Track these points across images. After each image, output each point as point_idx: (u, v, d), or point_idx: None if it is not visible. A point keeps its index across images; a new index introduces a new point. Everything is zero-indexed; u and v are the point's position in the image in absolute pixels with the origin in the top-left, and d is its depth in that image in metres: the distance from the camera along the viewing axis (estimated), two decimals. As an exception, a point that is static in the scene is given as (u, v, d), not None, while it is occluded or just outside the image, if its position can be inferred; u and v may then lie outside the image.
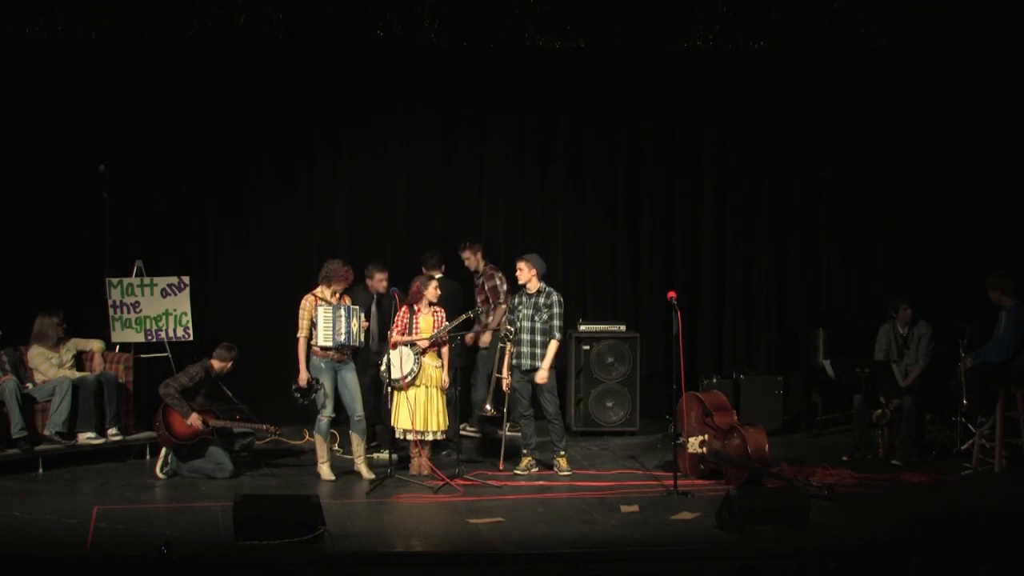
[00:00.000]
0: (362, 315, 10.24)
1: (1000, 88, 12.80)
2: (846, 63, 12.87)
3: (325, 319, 10.05)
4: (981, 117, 12.90)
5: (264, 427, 10.68)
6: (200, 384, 10.37)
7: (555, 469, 10.51)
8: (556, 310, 10.39)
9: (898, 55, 12.73)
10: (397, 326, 10.33)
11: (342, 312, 10.08)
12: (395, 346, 10.27)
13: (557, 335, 10.40)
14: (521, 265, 10.53)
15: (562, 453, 10.52)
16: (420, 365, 10.26)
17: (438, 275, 11.37)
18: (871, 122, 13.05)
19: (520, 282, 10.56)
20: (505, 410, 10.67)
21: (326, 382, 10.14)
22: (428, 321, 10.38)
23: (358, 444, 10.32)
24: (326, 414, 10.18)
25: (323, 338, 10.06)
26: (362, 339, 10.22)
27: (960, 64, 12.82)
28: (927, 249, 13.11)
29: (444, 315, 10.44)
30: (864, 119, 13.05)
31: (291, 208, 12.77)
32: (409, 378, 10.21)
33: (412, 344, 10.27)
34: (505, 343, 10.59)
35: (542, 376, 10.36)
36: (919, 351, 11.02)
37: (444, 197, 13.01)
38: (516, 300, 10.60)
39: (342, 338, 10.06)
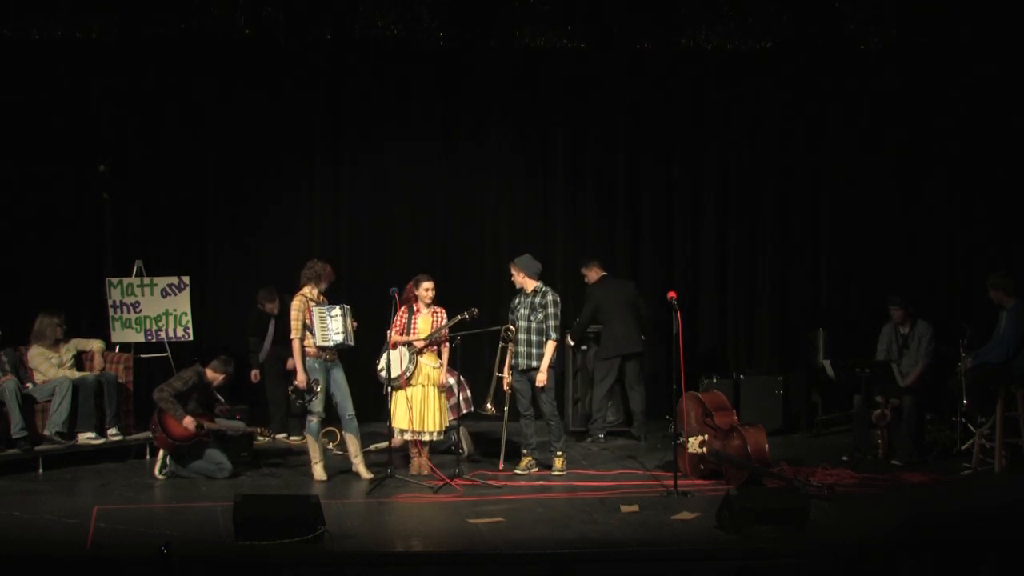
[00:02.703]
0: (350, 313, 10.24)
1: (1000, 88, 12.80)
2: (846, 63, 12.87)
3: (320, 320, 10.06)
4: (981, 117, 12.90)
5: (259, 430, 10.68)
6: (194, 388, 10.36)
7: (551, 469, 10.52)
8: (551, 310, 10.37)
9: (898, 55, 12.74)
10: (396, 326, 10.33)
11: (337, 312, 10.08)
12: (395, 346, 10.27)
13: (553, 335, 10.38)
14: (511, 269, 10.54)
15: (559, 453, 10.50)
16: (416, 364, 10.26)
17: (601, 273, 11.90)
18: (872, 122, 13.05)
19: (517, 286, 10.57)
20: (506, 409, 10.67)
21: (321, 382, 10.14)
22: (427, 321, 10.38)
23: (354, 444, 10.32)
24: (317, 414, 10.18)
25: (320, 338, 10.06)
26: (353, 339, 10.23)
27: (960, 65, 12.82)
28: (927, 249, 13.11)
29: (444, 315, 10.44)
30: (865, 119, 13.05)
31: (291, 208, 12.77)
32: (406, 375, 10.21)
33: (409, 344, 10.27)
34: (507, 343, 10.60)
35: (541, 379, 10.34)
36: (919, 351, 11.01)
37: (444, 196, 13.00)
38: (515, 300, 10.60)
39: (339, 338, 10.06)
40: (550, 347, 10.36)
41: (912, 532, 8.86)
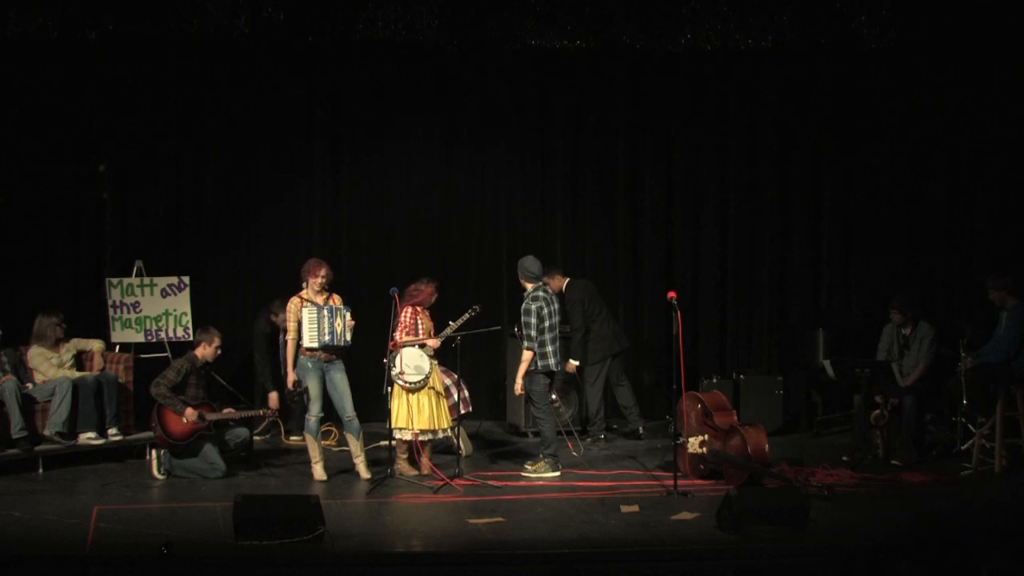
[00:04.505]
0: (347, 314, 10.22)
1: (999, 88, 12.81)
2: (846, 63, 12.88)
3: (310, 320, 10.07)
4: (981, 117, 12.91)
5: (261, 412, 10.64)
6: (189, 375, 10.36)
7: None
8: (523, 319, 10.35)
9: (898, 55, 12.74)
10: (404, 326, 10.31)
11: (325, 312, 10.09)
12: (399, 347, 10.23)
13: (525, 343, 10.34)
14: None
15: (540, 457, 10.47)
16: (432, 366, 10.27)
17: (565, 279, 11.86)
18: (872, 122, 13.06)
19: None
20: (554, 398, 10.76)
21: (313, 381, 10.15)
22: (428, 324, 10.41)
23: (355, 444, 10.32)
24: (314, 413, 10.20)
25: (308, 339, 10.08)
26: (348, 339, 10.18)
27: (960, 65, 12.83)
28: (927, 249, 13.12)
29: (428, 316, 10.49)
30: (865, 119, 13.05)
31: (291, 208, 12.75)
32: (425, 379, 10.21)
33: (422, 345, 10.27)
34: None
35: (515, 386, 10.44)
36: (920, 352, 11.00)
37: (444, 196, 12.99)
38: None
39: (326, 338, 10.07)
40: (524, 357, 10.34)
41: (912, 532, 8.86)
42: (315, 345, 10.09)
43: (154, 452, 10.41)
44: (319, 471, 10.25)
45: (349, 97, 12.72)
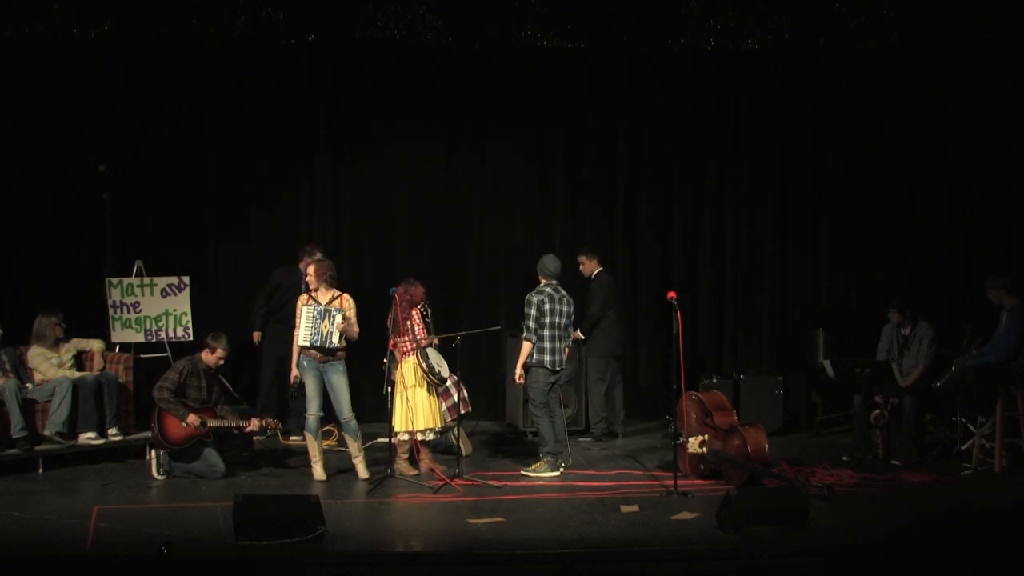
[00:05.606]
0: (338, 317, 10.17)
1: (1000, 88, 12.81)
2: (846, 63, 12.88)
3: (306, 318, 10.13)
4: (981, 117, 12.91)
5: (264, 422, 10.66)
6: (190, 376, 10.34)
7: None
8: (525, 309, 10.44)
9: (898, 55, 12.74)
10: (421, 326, 10.32)
11: (316, 313, 10.11)
12: (422, 346, 10.24)
13: (523, 335, 10.44)
14: None
15: (540, 457, 10.49)
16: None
17: (599, 267, 11.94)
18: (872, 122, 13.06)
19: None
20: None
21: (310, 380, 10.17)
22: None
23: (353, 444, 10.33)
24: (312, 412, 10.21)
25: (301, 338, 10.16)
26: (334, 341, 10.11)
27: (960, 65, 12.83)
28: (927, 248, 13.12)
29: None
30: (865, 119, 13.05)
31: (291, 208, 12.75)
32: (447, 376, 10.35)
33: (432, 344, 10.34)
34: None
35: (516, 375, 10.55)
36: (920, 352, 11.00)
37: (444, 196, 12.99)
38: None
39: (313, 339, 10.10)
40: (523, 348, 10.42)
41: (912, 532, 8.87)
42: (305, 344, 10.14)
43: (153, 452, 10.42)
44: (319, 471, 10.25)
45: (349, 97, 12.71)
